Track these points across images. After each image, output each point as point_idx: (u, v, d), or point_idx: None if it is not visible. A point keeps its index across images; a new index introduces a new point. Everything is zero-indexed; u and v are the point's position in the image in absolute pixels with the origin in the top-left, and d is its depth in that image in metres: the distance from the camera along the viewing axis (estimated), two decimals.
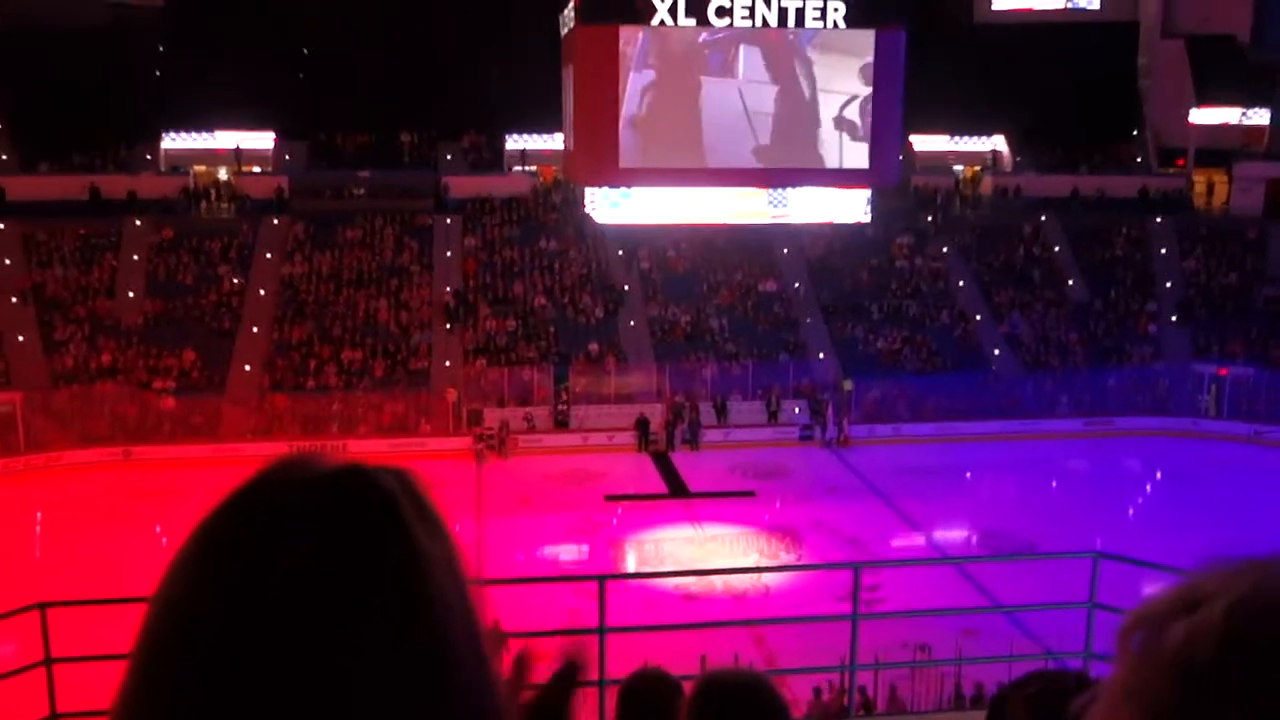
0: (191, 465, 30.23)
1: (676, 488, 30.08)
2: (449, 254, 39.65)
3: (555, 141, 43.08)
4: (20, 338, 34.73)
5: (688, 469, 31.50)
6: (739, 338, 37.23)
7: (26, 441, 31.90)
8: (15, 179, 39.73)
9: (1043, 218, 42.81)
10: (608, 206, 25.96)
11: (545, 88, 31.12)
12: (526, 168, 44.73)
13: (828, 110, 25.22)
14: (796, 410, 34.77)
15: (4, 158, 42.12)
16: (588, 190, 26.47)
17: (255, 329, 36.04)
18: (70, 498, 28.33)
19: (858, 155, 25.42)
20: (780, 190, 25.94)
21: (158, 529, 26.67)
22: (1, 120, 41.70)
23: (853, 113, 25.28)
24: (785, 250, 40.28)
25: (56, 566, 23.26)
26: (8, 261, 36.94)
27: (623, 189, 25.60)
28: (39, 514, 27.94)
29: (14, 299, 35.74)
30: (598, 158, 24.90)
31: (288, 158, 43.87)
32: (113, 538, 25.13)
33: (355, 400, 33.93)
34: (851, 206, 26.39)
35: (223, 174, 43.40)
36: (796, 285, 39.48)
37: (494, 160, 44.59)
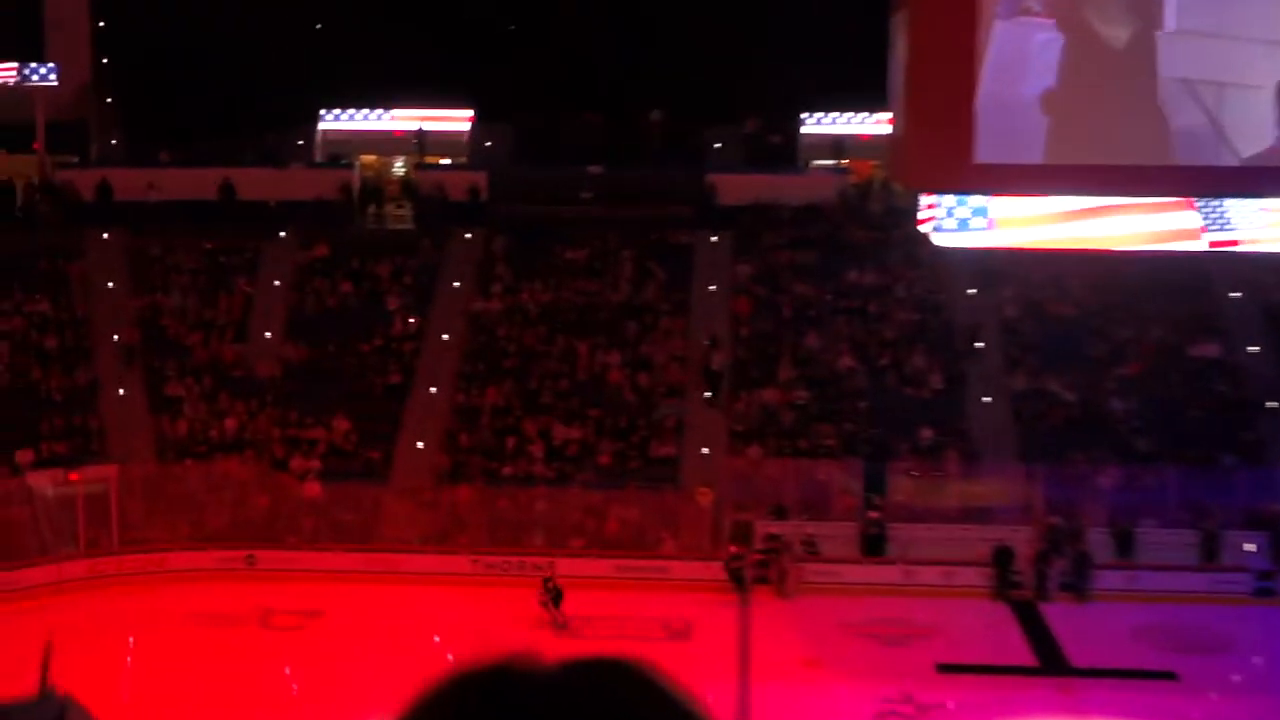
0: (338, 581, 31.98)
1: (1050, 659, 29.38)
2: (713, 288, 40.57)
3: (876, 125, 43.32)
4: (121, 391, 37.98)
5: (1068, 630, 30.65)
6: (1156, 429, 36.10)
7: (121, 535, 34.66)
8: (125, 172, 43.56)
9: None
10: (955, 223, 25.95)
11: (862, 46, 31.48)
12: (832, 163, 45.15)
13: None
14: (1249, 548, 33.33)
15: (112, 143, 46.40)
16: (925, 198, 26.54)
17: (433, 389, 37.97)
18: (172, 618, 30.45)
19: None
20: (1222, 203, 25.26)
21: (287, 673, 28.42)
22: (110, 96, 45.99)
23: None
24: (1233, 295, 38.88)
25: (150, 714, 25.11)
26: (110, 285, 40.59)
27: (980, 197, 25.57)
28: (130, 642, 30.24)
29: (115, 337, 39.21)
30: (942, 149, 24.97)
31: (488, 145, 46.12)
32: (224, 678, 26.85)
33: (569, 499, 35.03)
34: None
35: (398, 167, 46.13)
36: (1252, 350, 38.02)
37: (784, 151, 45.32)
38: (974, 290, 39.62)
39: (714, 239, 41.69)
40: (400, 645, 28.67)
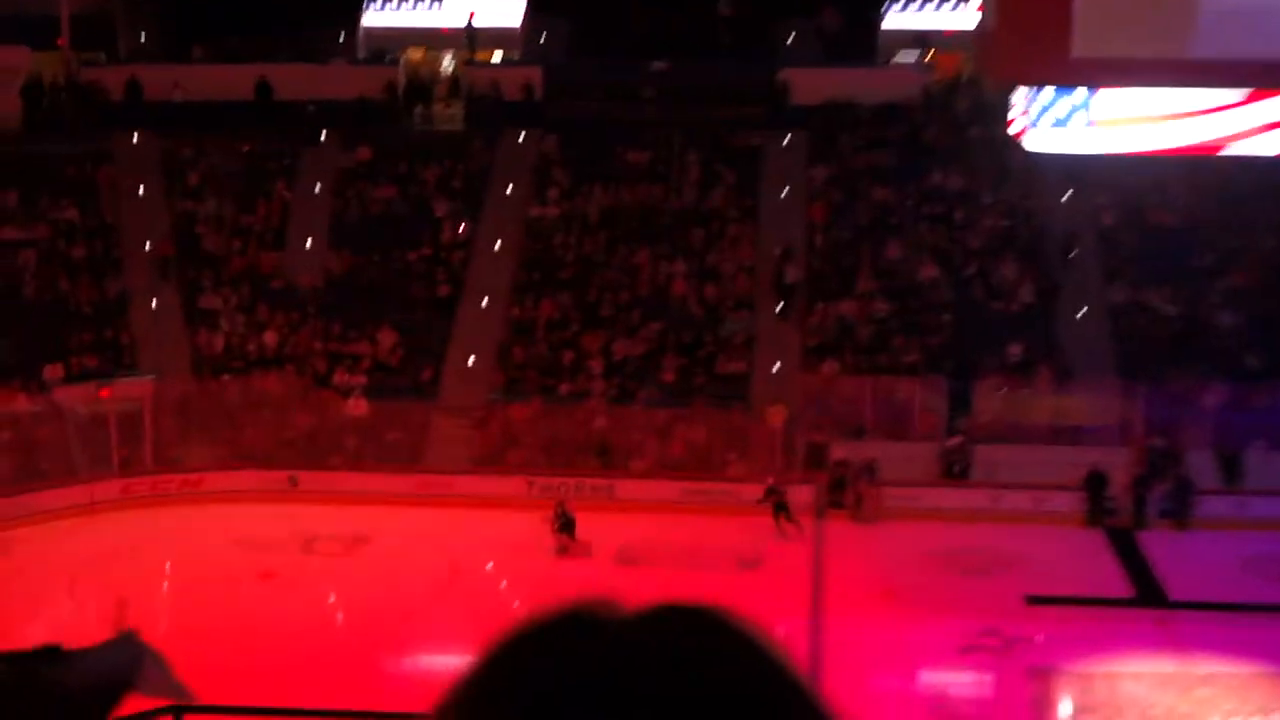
0: (386, 503, 32.18)
1: (1148, 591, 29.27)
2: (786, 193, 40.30)
3: (963, 15, 42.73)
4: (153, 303, 38.21)
5: (1168, 560, 30.52)
6: (1266, 345, 35.71)
7: (155, 454, 35.05)
8: (155, 70, 43.62)
9: None
10: (1050, 122, 25.67)
11: None
12: (914, 57, 44.67)
13: None
14: None
15: (142, 39, 46.37)
16: (1017, 95, 26.25)
17: (485, 301, 38.00)
18: (211, 543, 30.76)
19: None
20: None
21: (331, 600, 28.66)
22: None
23: None
24: None
25: (191, 644, 25.37)
26: (141, 190, 40.73)
27: (1078, 93, 25.21)
28: (167, 566, 30.58)
29: (147, 246, 39.39)
30: (1037, 39, 24.64)
31: (543, 39, 45.85)
32: (267, 607, 27.15)
33: (631, 418, 35.08)
34: None
35: (447, 63, 45.93)
36: None
37: (863, 45, 44.85)
38: (1068, 195, 39.17)
39: (786, 140, 41.39)
40: (451, 573, 28.87)
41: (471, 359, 36.71)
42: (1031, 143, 26.32)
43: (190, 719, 7.15)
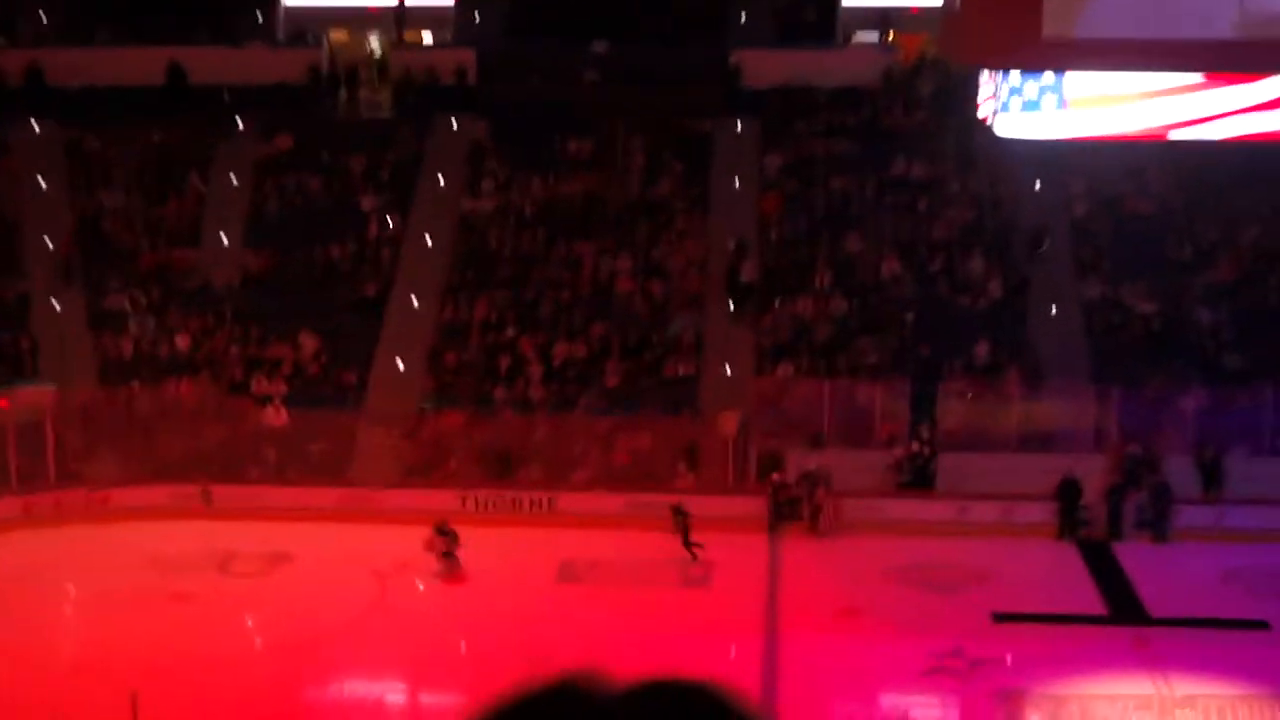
0: (308, 519, 31.88)
1: (1124, 607, 29.32)
2: (738, 184, 40.23)
3: None
4: (56, 305, 37.76)
5: (1146, 573, 30.61)
6: (1248, 345, 35.91)
7: (58, 468, 34.58)
8: (60, 53, 43.11)
9: None
10: (1019, 106, 25.67)
11: None
12: (877, 37, 44.67)
13: None
14: None
15: (44, 20, 45.79)
16: (984, 77, 26.27)
17: (416, 302, 37.75)
18: (120, 564, 30.39)
19: None
20: None
21: (249, 625, 28.38)
22: None
23: None
24: None
25: (100, 674, 25.03)
26: (44, 185, 40.28)
27: (1048, 75, 25.24)
28: (72, 590, 30.19)
29: (49, 242, 38.90)
30: (1004, 18, 24.62)
31: (477, 18, 45.60)
32: (181, 632, 26.83)
33: (572, 427, 34.89)
34: None
35: (374, 45, 45.61)
36: None
37: (821, 24, 44.84)
38: (1039, 184, 39.30)
39: (739, 126, 41.39)
40: (378, 594, 28.68)
41: (400, 364, 36.47)
42: (1000, 128, 26.24)
43: None
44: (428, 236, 39.22)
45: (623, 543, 31.05)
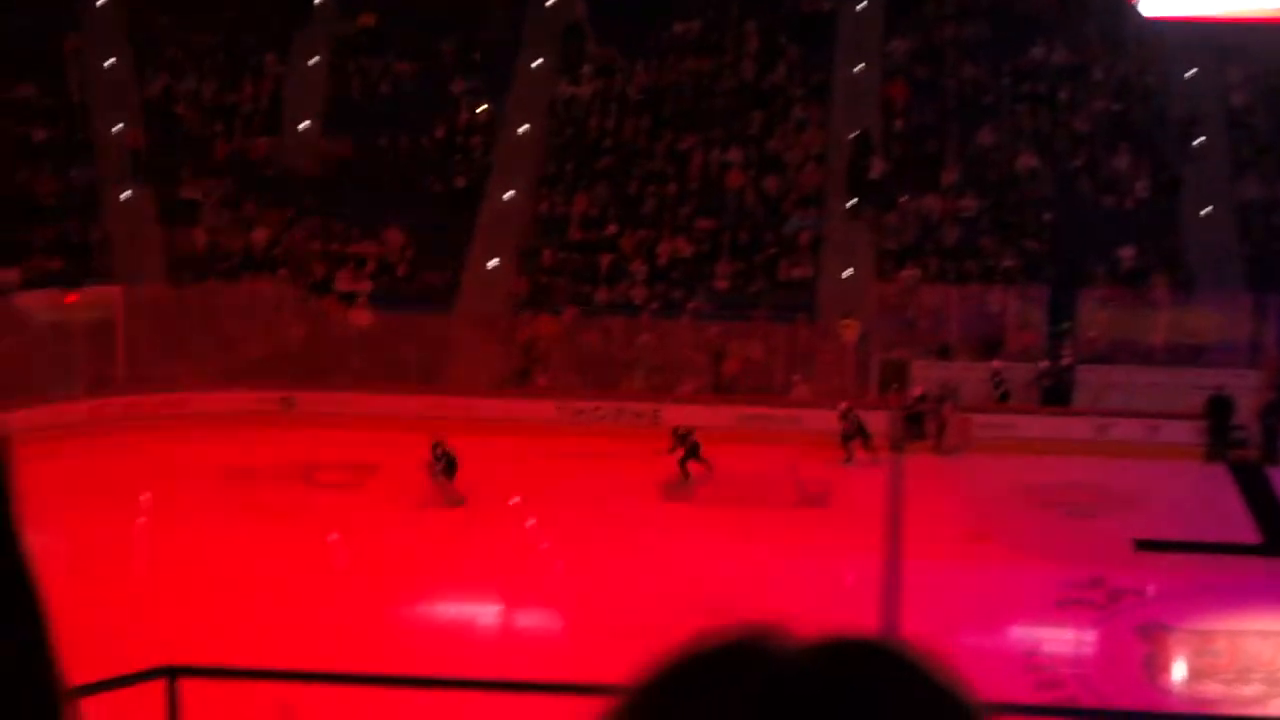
0: (394, 429, 32.28)
1: (1278, 535, 29.19)
2: (861, 69, 40.03)
3: None
4: (125, 195, 38.28)
5: None
6: None
7: (129, 371, 35.22)
8: None
9: None
10: None
11: None
12: None
13: None
14: None
15: None
16: None
17: (509, 194, 37.93)
18: (195, 475, 30.79)
19: None
20: None
21: (334, 539, 28.80)
22: None
23: None
24: None
25: (175, 594, 25.52)
26: (111, 64, 40.67)
27: None
28: (143, 502, 30.72)
29: (118, 126, 39.39)
30: None
31: None
32: (261, 547, 27.24)
33: (677, 331, 35.11)
34: None
35: None
36: None
37: None
38: (1193, 71, 38.77)
39: (861, 5, 41.09)
40: (470, 508, 28.95)
41: (493, 262, 36.73)
42: (1148, 6, 25.99)
43: (185, 682, 7.31)
44: (523, 124, 39.31)
45: (732, 458, 31.11)
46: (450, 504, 29.08)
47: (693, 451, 30.24)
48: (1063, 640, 26.27)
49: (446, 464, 29.33)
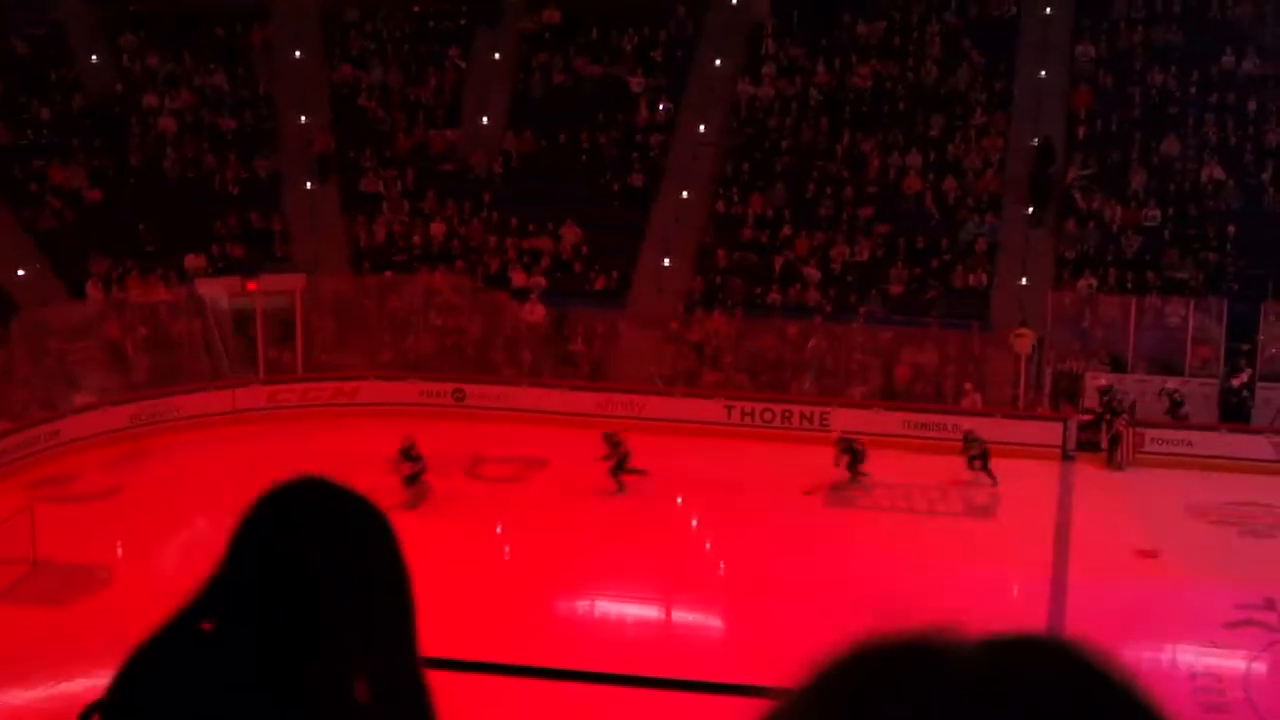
0: (562, 424, 32.62)
1: None
2: (1045, 75, 39.73)
3: None
4: (308, 185, 39.00)
5: None
6: None
7: (306, 359, 35.90)
8: None
9: None
10: None
11: None
12: None
13: None
14: None
15: None
16: None
17: (685, 194, 38.08)
18: (366, 463, 31.04)
19: None
20: None
21: (499, 532, 29.09)
22: None
23: None
24: None
25: None
26: (298, 55, 41.46)
27: None
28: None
29: (303, 119, 40.11)
30: None
31: None
32: (425, 538, 27.52)
33: (849, 335, 35.04)
34: None
35: None
36: None
37: None
38: None
39: (1047, 10, 40.79)
40: (636, 503, 29.08)
41: (667, 261, 36.91)
42: None
43: None
44: (701, 124, 39.43)
45: (900, 465, 31.01)
46: (619, 488, 29.43)
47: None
48: (1231, 662, 25.89)
49: (622, 457, 29.56)
